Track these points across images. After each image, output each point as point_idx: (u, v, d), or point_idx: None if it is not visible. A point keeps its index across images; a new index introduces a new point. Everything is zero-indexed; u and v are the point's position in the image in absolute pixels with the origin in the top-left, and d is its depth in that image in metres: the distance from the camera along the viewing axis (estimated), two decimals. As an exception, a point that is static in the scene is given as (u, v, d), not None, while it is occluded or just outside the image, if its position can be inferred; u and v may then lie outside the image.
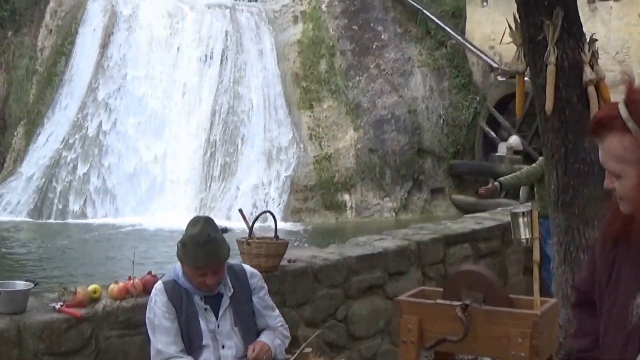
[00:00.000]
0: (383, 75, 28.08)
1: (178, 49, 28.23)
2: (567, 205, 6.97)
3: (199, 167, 26.24)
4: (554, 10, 6.82)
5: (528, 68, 7.28)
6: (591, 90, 6.91)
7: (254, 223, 6.30)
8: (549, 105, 6.91)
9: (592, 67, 6.99)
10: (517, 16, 7.28)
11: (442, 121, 27.47)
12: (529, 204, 8.93)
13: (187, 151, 26.52)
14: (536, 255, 4.74)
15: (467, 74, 28.34)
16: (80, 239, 22.56)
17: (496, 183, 9.17)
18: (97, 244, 22.06)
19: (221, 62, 28.13)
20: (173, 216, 24.89)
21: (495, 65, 26.63)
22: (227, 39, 28.67)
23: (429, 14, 28.96)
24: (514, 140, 25.16)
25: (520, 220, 4.74)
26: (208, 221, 4.93)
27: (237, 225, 21.87)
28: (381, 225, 24.71)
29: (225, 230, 5.32)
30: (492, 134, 26.13)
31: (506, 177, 9.58)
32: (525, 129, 25.22)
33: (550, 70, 6.87)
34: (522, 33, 7.20)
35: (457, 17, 29.32)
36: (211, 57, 28.22)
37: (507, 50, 26.66)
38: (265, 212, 6.42)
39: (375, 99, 27.50)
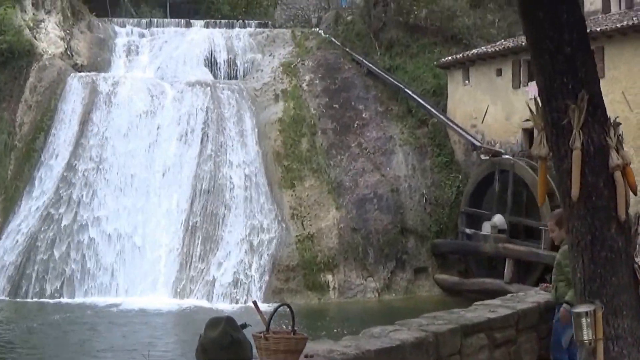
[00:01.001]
0: (365, 154, 27.99)
1: (158, 126, 28.00)
2: (594, 294, 6.64)
3: (178, 246, 25.74)
4: (578, 93, 6.62)
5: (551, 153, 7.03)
6: (618, 175, 6.67)
7: (271, 318, 5.91)
8: (575, 191, 6.66)
9: (617, 151, 6.77)
10: (538, 100, 7.07)
11: (424, 200, 27.30)
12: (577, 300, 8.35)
13: (167, 231, 26.06)
14: (600, 358, 4.41)
15: (449, 153, 28.30)
16: (55, 320, 21.88)
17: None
18: (74, 326, 21.40)
19: (202, 140, 27.95)
20: (152, 296, 24.44)
21: (477, 143, 26.59)
22: (207, 117, 28.53)
23: (410, 92, 29.04)
24: (498, 219, 24.97)
25: (584, 320, 4.43)
26: (229, 322, 4.58)
27: (220, 306, 21.52)
28: (365, 306, 24.39)
29: (244, 326, 4.98)
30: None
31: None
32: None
33: (576, 155, 6.63)
34: (544, 117, 6.99)
35: (439, 95, 29.43)
36: (192, 135, 28.01)
37: (489, 129, 26.81)
38: (282, 304, 6.02)
39: (357, 177, 27.35)
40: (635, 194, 6.93)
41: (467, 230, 26.12)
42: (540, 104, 7.07)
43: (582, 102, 6.61)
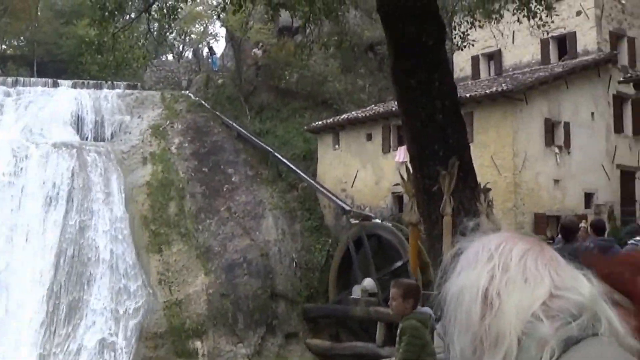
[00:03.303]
0: (234, 218, 27.75)
1: (22, 189, 26.99)
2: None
3: (42, 315, 24.63)
4: (449, 160, 6.65)
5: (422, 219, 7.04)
6: (488, 241, 6.71)
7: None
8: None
9: (488, 216, 6.82)
10: (409, 167, 7.09)
11: (294, 264, 27.20)
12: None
13: (31, 297, 24.91)
14: None
15: (319, 217, 28.38)
16: None
17: None
18: None
19: (67, 204, 27.04)
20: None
21: (347, 207, 26.75)
22: (73, 180, 27.70)
23: (279, 156, 29.10)
24: (369, 282, 25.03)
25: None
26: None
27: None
28: (235, 373, 23.93)
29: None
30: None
31: None
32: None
33: (447, 221, 6.65)
34: (415, 183, 7.00)
35: (309, 159, 29.60)
36: (57, 199, 27.09)
37: (359, 193, 27.07)
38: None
39: (226, 242, 27.04)
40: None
41: (338, 294, 26.10)
42: (411, 171, 7.08)
43: (453, 168, 6.61)
